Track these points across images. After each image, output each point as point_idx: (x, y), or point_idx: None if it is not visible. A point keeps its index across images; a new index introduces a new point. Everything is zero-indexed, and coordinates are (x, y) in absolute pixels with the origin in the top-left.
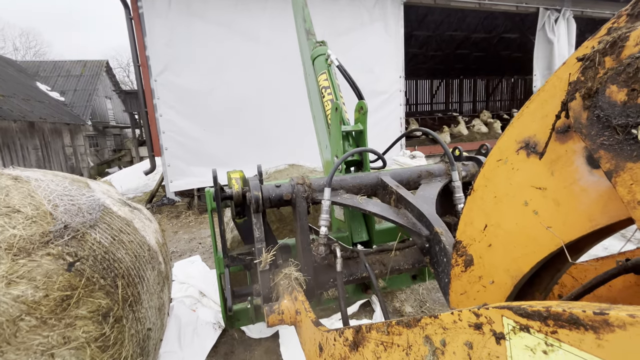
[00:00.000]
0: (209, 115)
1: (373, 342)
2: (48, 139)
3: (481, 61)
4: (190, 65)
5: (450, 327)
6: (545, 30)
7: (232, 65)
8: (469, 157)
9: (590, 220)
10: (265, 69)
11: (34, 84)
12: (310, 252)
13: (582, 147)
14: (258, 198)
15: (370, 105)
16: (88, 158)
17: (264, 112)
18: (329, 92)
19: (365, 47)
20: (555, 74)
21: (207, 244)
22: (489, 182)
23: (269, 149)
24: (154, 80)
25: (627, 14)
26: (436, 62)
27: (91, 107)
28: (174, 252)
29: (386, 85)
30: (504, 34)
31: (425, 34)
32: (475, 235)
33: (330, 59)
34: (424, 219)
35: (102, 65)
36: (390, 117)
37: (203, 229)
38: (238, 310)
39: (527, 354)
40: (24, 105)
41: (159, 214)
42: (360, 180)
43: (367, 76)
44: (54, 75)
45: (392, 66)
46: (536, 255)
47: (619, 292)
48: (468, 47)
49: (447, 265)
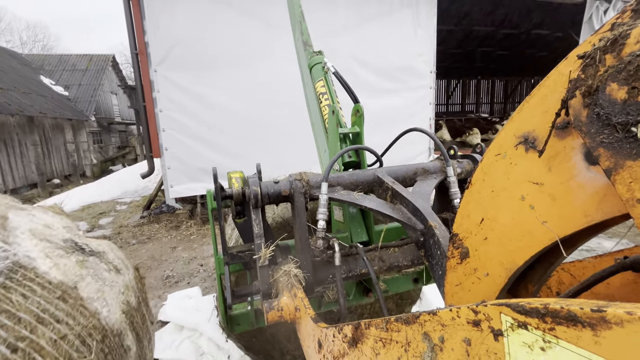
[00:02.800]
0: (215, 112)
1: (372, 339)
2: (49, 134)
3: (502, 60)
4: (195, 54)
5: (449, 323)
6: (593, 23)
7: (244, 55)
8: (464, 155)
9: (586, 215)
10: (282, 58)
11: (37, 78)
12: (308, 247)
13: (580, 143)
14: (257, 194)
15: (395, 104)
16: (91, 155)
17: (280, 110)
18: (325, 98)
19: (392, 36)
20: (556, 68)
21: (209, 266)
22: (486, 176)
23: (283, 151)
24: (154, 71)
25: (631, 10)
26: (455, 60)
27: (95, 102)
28: (169, 277)
29: (414, 81)
30: (534, 30)
31: (446, 29)
32: (471, 229)
33: (326, 67)
34: (419, 213)
35: (108, 60)
36: (418, 117)
37: (206, 244)
38: (238, 315)
39: (525, 351)
40: (23, 99)
41: (157, 224)
42: (357, 177)
43: (392, 70)
44: (58, 69)
45: (422, 59)
46: (531, 249)
47: (616, 289)
48: (491, 44)
49: (441, 258)
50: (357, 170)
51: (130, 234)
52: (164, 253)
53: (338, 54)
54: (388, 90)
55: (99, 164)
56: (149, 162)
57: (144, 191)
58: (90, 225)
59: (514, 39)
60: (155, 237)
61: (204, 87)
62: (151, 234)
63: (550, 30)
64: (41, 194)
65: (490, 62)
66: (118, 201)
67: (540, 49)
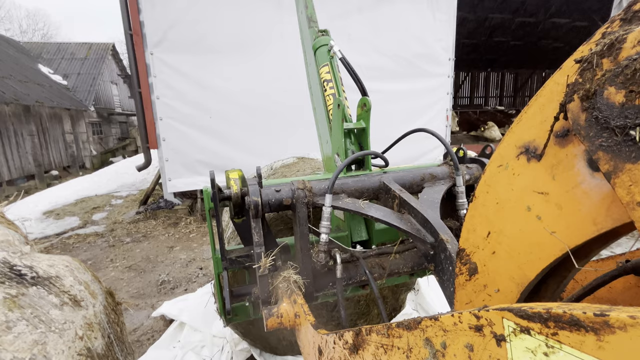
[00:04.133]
0: (218, 99)
1: (373, 345)
2: (46, 124)
3: (515, 51)
4: (196, 35)
5: (451, 329)
6: (624, 6)
7: (250, 36)
8: (472, 159)
9: (595, 223)
10: (292, 40)
11: (35, 66)
12: (309, 257)
13: (582, 150)
14: (257, 203)
15: (410, 93)
16: (91, 146)
17: (288, 97)
18: (330, 86)
19: (410, 19)
20: (552, 78)
21: (210, 269)
22: (490, 188)
23: (291, 140)
24: (150, 54)
25: (620, 19)
26: (466, 52)
27: (95, 92)
28: (164, 282)
29: (431, 69)
30: (552, 18)
31: (460, 16)
32: (478, 243)
33: (333, 51)
34: (429, 225)
35: (107, 49)
36: (434, 108)
37: (206, 244)
38: (236, 306)
39: (528, 356)
40: (19, 87)
41: (154, 220)
42: (362, 183)
43: (409, 56)
44: (57, 57)
45: (440, 45)
46: (541, 261)
47: (619, 293)
48: (504, 34)
49: (453, 274)
50: (362, 175)
51: (125, 231)
52: (160, 253)
53: (351, 38)
54: (403, 76)
55: (98, 156)
56: (145, 154)
57: (141, 184)
58: (83, 221)
59: (529, 27)
60: (151, 235)
61: (205, 72)
62: (147, 232)
63: (570, 18)
64: (39, 186)
65: (501, 53)
66: (114, 195)
67: (555, 39)
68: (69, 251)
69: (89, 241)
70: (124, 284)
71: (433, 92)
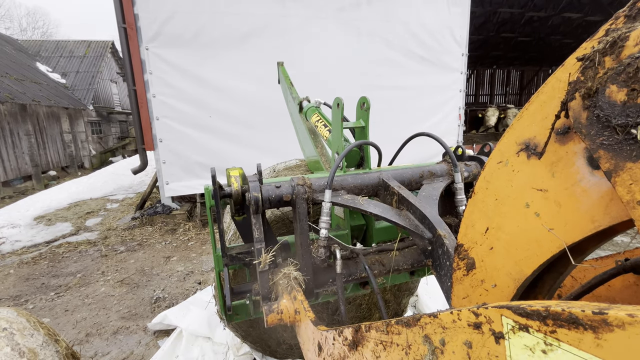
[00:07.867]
0: (218, 97)
1: (372, 342)
2: (43, 123)
3: (522, 48)
4: (194, 29)
5: (450, 326)
6: None
7: (252, 30)
8: (471, 157)
9: (593, 221)
10: (296, 33)
11: (33, 64)
12: (309, 253)
13: (582, 148)
14: (257, 199)
15: (421, 91)
16: (90, 146)
17: None
18: (323, 124)
19: (421, 9)
20: (554, 75)
21: (208, 283)
22: (489, 184)
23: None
24: (145, 49)
25: (624, 15)
26: (472, 48)
27: (94, 90)
28: (158, 299)
29: (444, 64)
30: (563, 13)
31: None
32: (476, 239)
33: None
34: (427, 221)
35: (107, 46)
36: (447, 106)
37: (205, 254)
38: (236, 305)
39: (526, 354)
40: (15, 85)
41: (150, 226)
42: (361, 180)
43: (418, 50)
44: (55, 55)
45: (453, 39)
46: (539, 257)
47: (618, 292)
48: (512, 29)
49: (450, 269)
50: (361, 172)
51: (119, 238)
52: (155, 265)
53: (360, 31)
54: (414, 72)
55: (98, 155)
56: (141, 156)
57: (139, 187)
58: (75, 228)
59: (538, 22)
60: (147, 243)
61: (204, 68)
62: (143, 239)
63: (582, 13)
64: (36, 187)
65: (508, 50)
66: (110, 198)
67: (565, 35)
68: (58, 262)
69: (80, 250)
70: (115, 301)
71: (446, 89)
